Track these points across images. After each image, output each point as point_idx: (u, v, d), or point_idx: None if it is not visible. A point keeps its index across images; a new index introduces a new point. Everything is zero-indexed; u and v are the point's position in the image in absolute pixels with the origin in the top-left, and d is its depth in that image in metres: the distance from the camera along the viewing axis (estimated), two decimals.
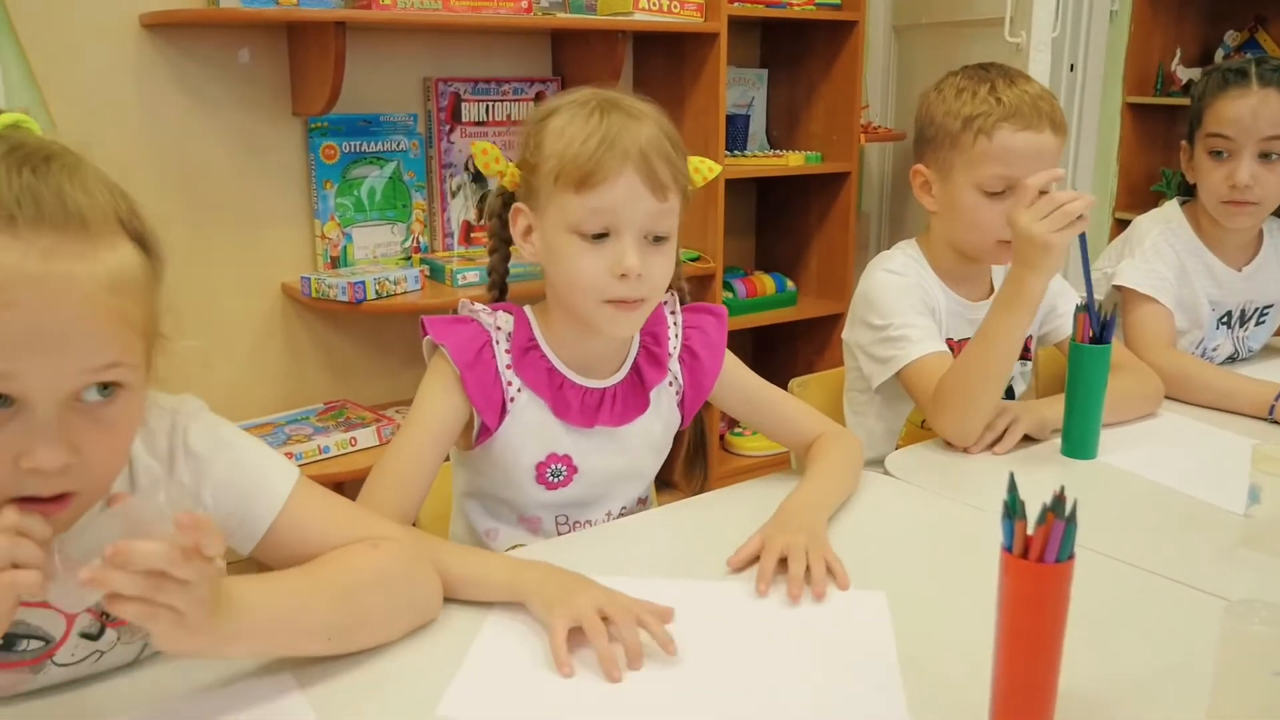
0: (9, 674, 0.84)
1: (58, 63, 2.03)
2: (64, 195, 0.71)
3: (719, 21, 2.51)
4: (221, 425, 0.92)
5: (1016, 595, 0.76)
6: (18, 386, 0.70)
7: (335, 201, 2.36)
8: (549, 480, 1.19)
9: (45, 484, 0.72)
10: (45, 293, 0.69)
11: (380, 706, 0.84)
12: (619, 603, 0.92)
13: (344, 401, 2.41)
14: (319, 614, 0.86)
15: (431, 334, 1.14)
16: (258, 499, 0.90)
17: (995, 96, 1.43)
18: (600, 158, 1.04)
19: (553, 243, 1.10)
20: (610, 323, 1.11)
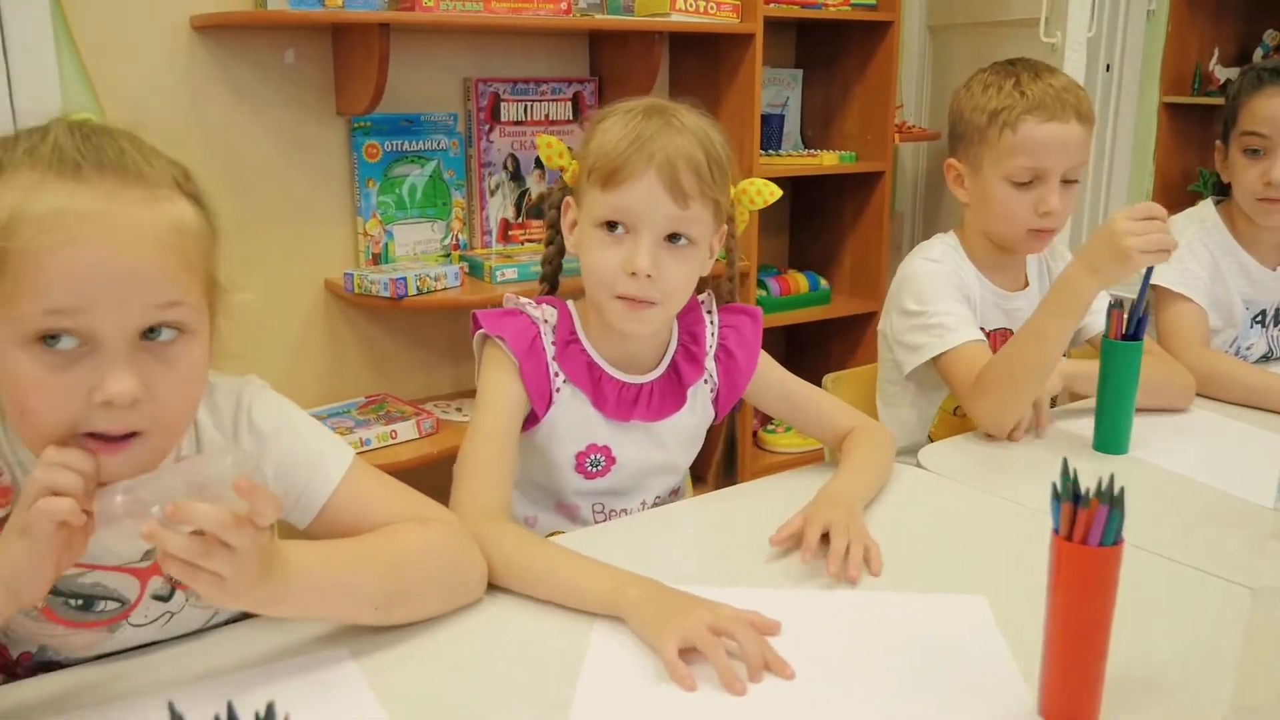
0: (88, 634, 0.89)
1: (111, 64, 2.08)
2: (124, 152, 0.78)
3: (755, 22, 2.53)
4: (284, 404, 0.97)
5: (1065, 578, 0.79)
6: (88, 322, 0.75)
7: (377, 199, 2.41)
8: (588, 470, 1.23)
9: (116, 419, 0.76)
10: (111, 230, 0.75)
11: (430, 680, 0.88)
12: (727, 615, 0.90)
13: (384, 395, 2.46)
14: (367, 583, 0.90)
15: (486, 327, 1.18)
16: (315, 476, 0.95)
17: (1019, 90, 1.48)
18: (627, 157, 1.09)
19: (583, 235, 1.16)
20: (620, 318, 1.15)
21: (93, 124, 0.81)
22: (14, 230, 0.73)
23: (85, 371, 0.76)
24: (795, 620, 0.95)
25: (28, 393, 0.76)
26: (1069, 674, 0.80)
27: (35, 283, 0.73)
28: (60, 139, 0.77)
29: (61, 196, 0.75)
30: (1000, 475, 1.34)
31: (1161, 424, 1.50)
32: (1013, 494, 1.26)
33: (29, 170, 0.76)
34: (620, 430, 1.22)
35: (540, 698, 0.85)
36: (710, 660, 0.86)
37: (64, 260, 0.74)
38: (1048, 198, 1.48)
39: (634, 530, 1.21)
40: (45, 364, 0.75)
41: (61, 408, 0.76)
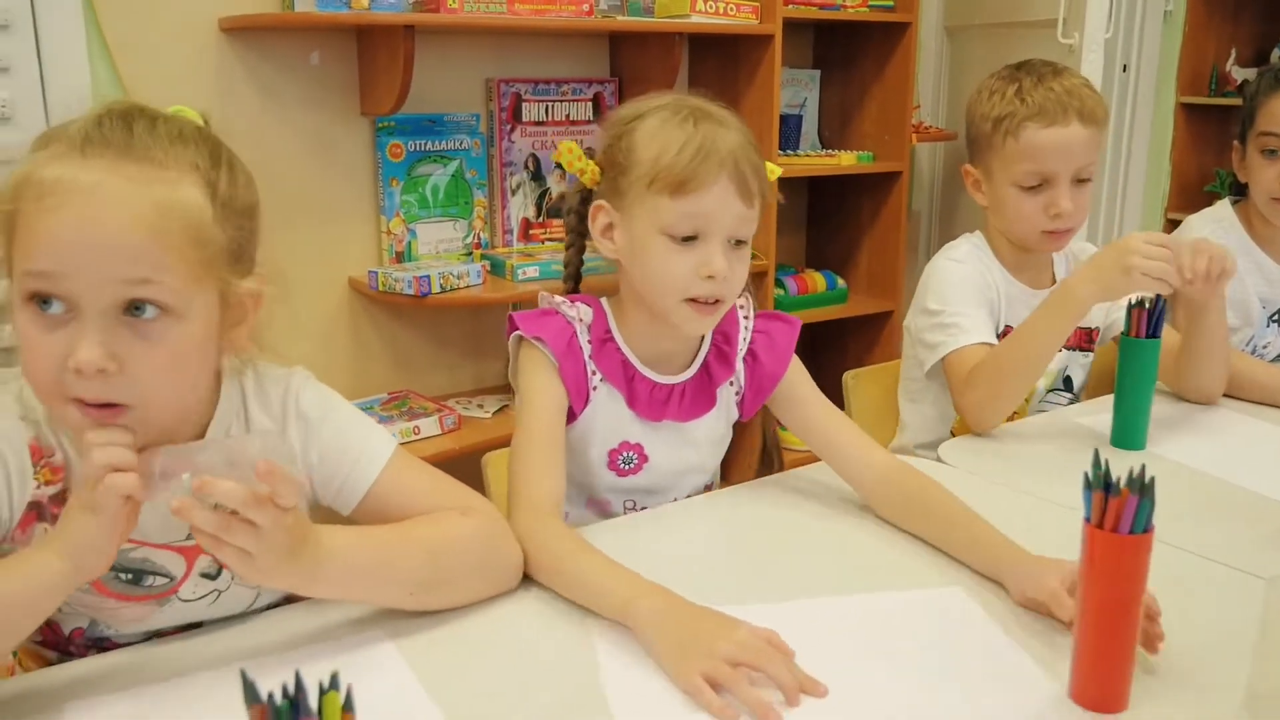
0: (138, 607, 0.93)
1: (142, 64, 2.12)
2: (134, 135, 0.82)
3: (774, 23, 2.56)
4: (329, 394, 1.00)
5: (1098, 566, 0.81)
6: (65, 287, 0.79)
7: (401, 198, 2.44)
8: (620, 467, 1.25)
9: (87, 388, 0.80)
10: (93, 202, 0.79)
11: (468, 662, 0.91)
12: (746, 642, 0.87)
13: (407, 392, 2.49)
14: (403, 567, 0.93)
15: (524, 329, 1.18)
16: (360, 463, 0.98)
17: (1020, 97, 1.51)
18: (698, 166, 1.08)
19: (640, 242, 1.14)
20: (688, 321, 1.15)
21: (127, 107, 0.85)
22: (19, 194, 0.80)
23: (65, 336, 0.80)
24: (803, 630, 0.93)
25: (25, 350, 0.81)
26: (1101, 659, 0.83)
27: (28, 245, 0.79)
28: (87, 119, 0.82)
29: (64, 168, 0.79)
30: (1020, 470, 1.36)
31: (1178, 420, 1.52)
32: (1033, 488, 1.28)
33: (57, 144, 0.81)
34: (652, 429, 1.24)
35: (578, 679, 0.88)
36: (736, 696, 0.83)
37: (49, 226, 0.79)
38: (1057, 200, 1.51)
39: (659, 518, 1.24)
40: (36, 324, 0.80)
41: (45, 368, 0.80)
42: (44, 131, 0.85)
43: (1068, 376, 1.66)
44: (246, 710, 0.53)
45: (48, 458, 0.89)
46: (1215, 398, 1.59)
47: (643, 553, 1.05)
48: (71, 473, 0.90)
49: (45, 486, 0.89)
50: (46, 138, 0.83)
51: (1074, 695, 0.84)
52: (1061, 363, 1.64)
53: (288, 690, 0.52)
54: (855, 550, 1.15)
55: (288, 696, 0.52)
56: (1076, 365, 1.67)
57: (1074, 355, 1.65)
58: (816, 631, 0.95)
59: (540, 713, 0.84)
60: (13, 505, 0.88)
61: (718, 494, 1.32)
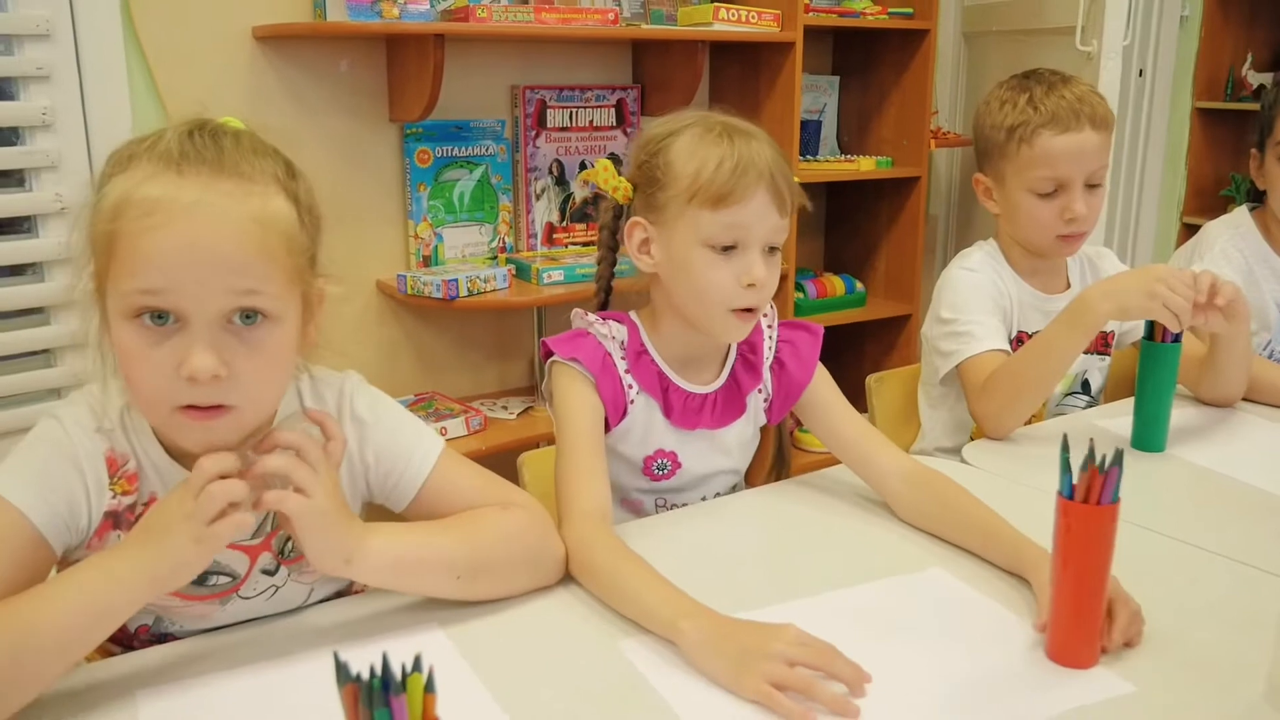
0: (202, 605, 0.97)
1: (177, 72, 2.17)
2: (224, 151, 0.86)
3: (795, 31, 2.60)
4: (381, 396, 1.05)
5: (1071, 534, 0.91)
6: (175, 301, 0.83)
7: (428, 203, 2.49)
8: (654, 473, 1.29)
9: (200, 393, 0.85)
10: (198, 218, 0.83)
11: (519, 651, 0.95)
12: (796, 640, 0.89)
13: (433, 393, 2.54)
14: (446, 548, 0.97)
15: (559, 353, 1.22)
16: (412, 461, 1.02)
17: (1033, 105, 1.54)
18: (738, 180, 1.13)
19: (681, 255, 1.18)
20: (732, 330, 1.20)
21: (213, 124, 0.89)
22: (120, 213, 0.83)
23: (174, 347, 0.84)
24: (833, 620, 0.97)
25: (131, 364, 0.85)
26: (1074, 620, 0.92)
27: (133, 263, 0.83)
28: (177, 136, 0.86)
29: (163, 187, 0.83)
30: (1042, 470, 1.38)
31: (1197, 423, 1.55)
32: (1052, 488, 1.30)
33: (146, 163, 0.85)
34: (686, 437, 1.28)
35: (629, 670, 0.92)
36: (807, 695, 0.85)
37: (156, 244, 0.82)
38: (1072, 205, 1.54)
39: (686, 517, 1.28)
40: (143, 338, 0.84)
41: (156, 379, 0.85)
42: (122, 149, 0.88)
43: (1085, 380, 1.70)
44: (339, 690, 0.57)
45: (123, 467, 0.93)
46: (1234, 402, 1.63)
47: (677, 551, 1.09)
48: (145, 481, 0.94)
49: (121, 496, 0.93)
50: (127, 156, 0.86)
51: (1050, 653, 0.93)
52: (1080, 366, 1.68)
53: (375, 671, 0.56)
54: (875, 544, 1.19)
55: (375, 677, 0.56)
56: (1094, 369, 1.70)
57: (1091, 359, 1.69)
58: (842, 621, 1.00)
59: (590, 699, 0.88)
60: (91, 515, 0.92)
61: (746, 494, 1.36)
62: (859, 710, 0.84)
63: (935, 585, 1.08)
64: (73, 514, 0.90)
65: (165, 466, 0.94)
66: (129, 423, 0.94)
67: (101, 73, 2.08)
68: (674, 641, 0.94)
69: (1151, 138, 3.71)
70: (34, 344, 2.11)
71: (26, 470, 0.90)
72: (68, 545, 0.91)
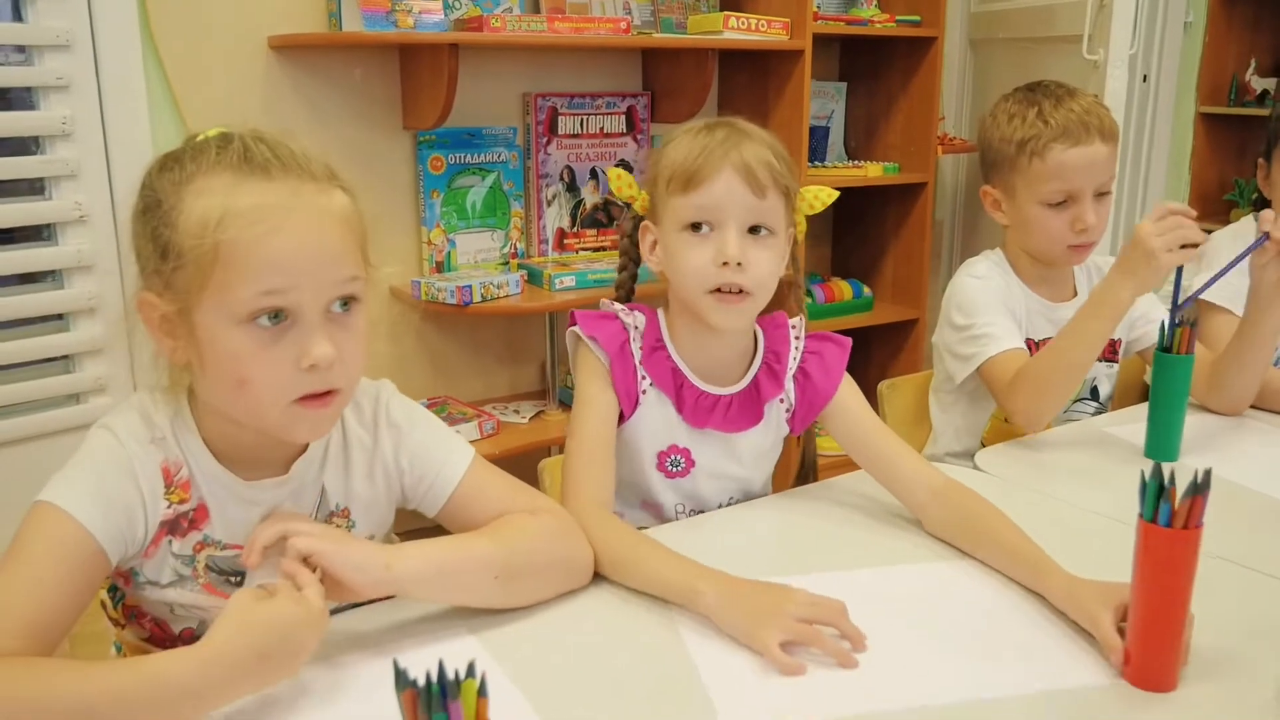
0: None
1: (194, 82, 2.20)
2: (295, 154, 0.91)
3: (804, 39, 2.62)
4: (413, 403, 1.09)
5: (1150, 557, 0.89)
6: (291, 300, 0.88)
7: (441, 210, 2.51)
8: (668, 469, 1.31)
9: (320, 379, 0.90)
10: (302, 218, 0.88)
11: (549, 653, 0.97)
12: (807, 601, 0.98)
13: (446, 398, 2.56)
14: (483, 553, 1.00)
15: (581, 326, 1.27)
16: (445, 466, 1.06)
17: (1043, 120, 1.57)
18: (704, 160, 1.18)
19: (669, 244, 1.23)
20: (714, 312, 1.22)
21: (261, 132, 0.93)
22: (226, 224, 0.86)
23: (291, 343, 0.88)
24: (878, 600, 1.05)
25: (248, 366, 0.88)
26: (1153, 644, 0.90)
27: (248, 269, 0.86)
28: (246, 145, 0.90)
29: (260, 193, 0.87)
30: (1055, 477, 1.42)
31: (1209, 432, 1.57)
32: (1067, 495, 1.34)
33: (221, 174, 0.88)
34: (699, 436, 1.30)
35: (661, 666, 0.95)
36: (816, 648, 0.95)
37: (272, 247, 0.86)
38: (1083, 215, 1.57)
39: (707, 520, 1.30)
40: (259, 340, 0.88)
41: (276, 375, 0.88)
42: (169, 164, 0.91)
43: (1095, 387, 1.72)
44: (397, 695, 0.59)
45: (176, 475, 0.95)
46: (1242, 409, 1.65)
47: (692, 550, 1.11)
48: (195, 489, 0.96)
49: (177, 505, 0.95)
50: (186, 171, 0.89)
51: (1127, 676, 0.92)
52: (1090, 374, 1.70)
53: (431, 677, 0.59)
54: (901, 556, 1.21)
55: (433, 683, 0.58)
56: (1103, 376, 1.73)
57: (1100, 366, 1.71)
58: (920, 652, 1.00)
59: (624, 699, 0.90)
60: (147, 525, 0.94)
61: (763, 500, 1.38)
62: (859, 663, 0.94)
63: (998, 602, 1.08)
64: (130, 525, 0.92)
65: (216, 473, 0.97)
66: (179, 431, 0.96)
67: (120, 83, 2.10)
68: (692, 605, 1.01)
69: (1156, 143, 3.73)
70: (54, 350, 2.13)
71: (84, 482, 0.91)
72: (123, 556, 0.93)
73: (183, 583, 0.98)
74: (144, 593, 0.99)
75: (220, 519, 0.98)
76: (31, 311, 2.10)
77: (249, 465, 0.98)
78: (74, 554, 0.88)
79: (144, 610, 1.03)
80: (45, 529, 0.89)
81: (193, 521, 0.97)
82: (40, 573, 0.86)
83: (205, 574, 0.99)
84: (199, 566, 0.98)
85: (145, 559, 0.96)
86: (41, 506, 0.89)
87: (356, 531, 1.06)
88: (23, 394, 2.08)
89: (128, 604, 1.04)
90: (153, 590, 0.99)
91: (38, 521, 0.89)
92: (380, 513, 1.08)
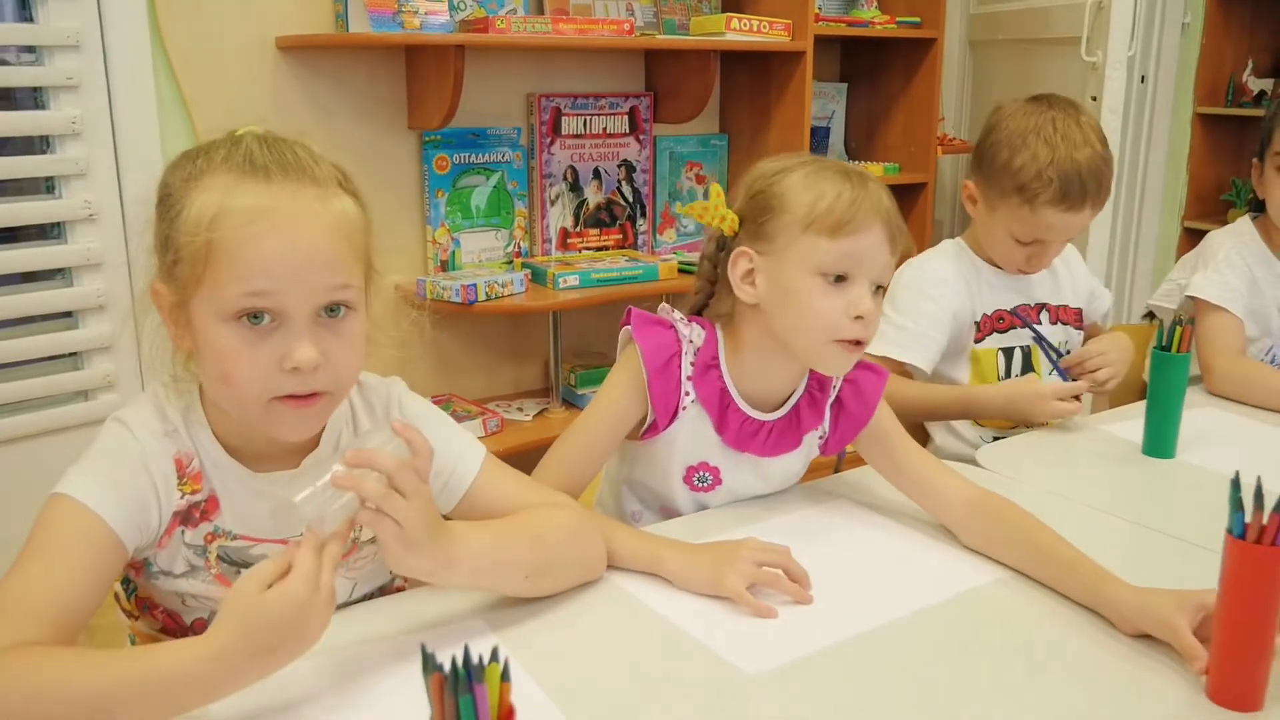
0: None
1: (203, 82, 2.21)
2: (300, 158, 0.92)
3: (805, 40, 2.64)
4: (425, 401, 1.11)
5: (1238, 575, 0.87)
6: (278, 302, 0.89)
7: (446, 209, 2.54)
8: (695, 484, 1.31)
9: (302, 382, 0.91)
10: (296, 223, 0.89)
11: (566, 648, 1.00)
12: (758, 547, 1.10)
13: (450, 395, 2.58)
14: (520, 551, 1.02)
15: (634, 328, 1.25)
16: (460, 464, 1.08)
17: (1051, 172, 1.54)
18: (856, 210, 1.14)
19: (790, 283, 1.17)
20: (836, 361, 1.20)
21: (273, 134, 0.95)
22: (219, 223, 0.88)
23: (276, 343, 0.90)
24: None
25: (231, 362, 0.90)
26: (1241, 662, 0.88)
27: (237, 268, 0.88)
28: (251, 147, 0.92)
29: (256, 195, 0.89)
30: (1051, 473, 1.44)
31: (1204, 430, 1.59)
32: (1066, 491, 1.36)
33: (225, 174, 0.90)
34: (732, 457, 1.30)
35: (675, 654, 0.97)
36: (774, 588, 1.07)
37: (261, 249, 0.88)
38: (1042, 256, 1.64)
39: (716, 513, 1.31)
40: (244, 338, 0.89)
41: (258, 374, 0.90)
42: (182, 162, 0.93)
43: (1068, 349, 1.74)
44: (425, 679, 0.61)
45: (188, 466, 0.98)
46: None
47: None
48: (206, 479, 0.98)
49: (189, 496, 0.98)
50: (196, 169, 0.91)
51: (1211, 694, 0.90)
52: (1066, 337, 1.76)
53: (457, 662, 0.61)
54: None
55: (459, 667, 0.61)
56: (1075, 342, 1.78)
57: (1071, 332, 1.77)
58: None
59: (638, 681, 0.93)
60: (161, 515, 0.96)
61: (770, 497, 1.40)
62: (813, 599, 1.07)
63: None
64: (144, 514, 0.94)
65: (226, 465, 0.99)
66: (191, 423, 0.98)
67: (129, 82, 2.12)
68: (659, 572, 1.11)
69: (1153, 143, 3.76)
70: (62, 347, 2.15)
71: (99, 473, 0.93)
72: (139, 545, 0.95)
73: (195, 573, 1.00)
74: (157, 583, 1.01)
75: (231, 510, 1.00)
76: (41, 309, 2.12)
77: (259, 458, 1.01)
78: (92, 543, 0.90)
79: (156, 602, 1.05)
80: (62, 520, 0.90)
81: (204, 512, 0.99)
82: (59, 563, 0.88)
83: (217, 564, 1.01)
84: (211, 557, 1.00)
85: (159, 549, 0.98)
86: (58, 498, 0.91)
87: (367, 530, 1.06)
88: (32, 390, 2.10)
89: (140, 596, 1.06)
90: (166, 580, 1.01)
91: (55, 513, 0.91)
92: None
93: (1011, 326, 1.70)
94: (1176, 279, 1.98)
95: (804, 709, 0.90)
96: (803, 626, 1.03)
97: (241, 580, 0.83)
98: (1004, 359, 1.70)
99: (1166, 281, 2.03)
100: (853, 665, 0.96)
